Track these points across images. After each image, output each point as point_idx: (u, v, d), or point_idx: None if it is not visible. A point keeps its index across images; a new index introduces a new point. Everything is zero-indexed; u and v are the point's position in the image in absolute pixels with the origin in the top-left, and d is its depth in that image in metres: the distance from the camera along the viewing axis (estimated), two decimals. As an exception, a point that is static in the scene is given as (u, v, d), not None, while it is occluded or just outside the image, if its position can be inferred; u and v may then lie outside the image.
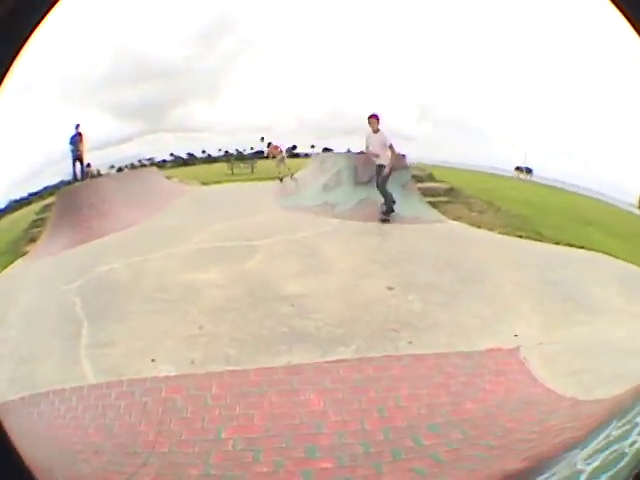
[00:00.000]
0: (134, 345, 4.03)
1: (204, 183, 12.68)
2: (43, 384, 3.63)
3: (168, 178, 12.51)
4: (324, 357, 3.56)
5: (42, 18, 1.12)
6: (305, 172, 11.46)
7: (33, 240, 9.14)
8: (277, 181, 11.40)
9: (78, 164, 11.78)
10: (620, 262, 5.81)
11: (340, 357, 3.55)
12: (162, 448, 2.74)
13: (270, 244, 6.03)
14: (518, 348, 3.68)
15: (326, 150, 13.07)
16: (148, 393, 3.32)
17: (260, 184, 11.81)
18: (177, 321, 4.35)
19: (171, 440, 2.80)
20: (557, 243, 6.69)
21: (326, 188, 8.64)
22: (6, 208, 9.96)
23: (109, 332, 4.31)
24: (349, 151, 10.33)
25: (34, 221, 10.53)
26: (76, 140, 11.51)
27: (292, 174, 11.81)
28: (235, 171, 14.47)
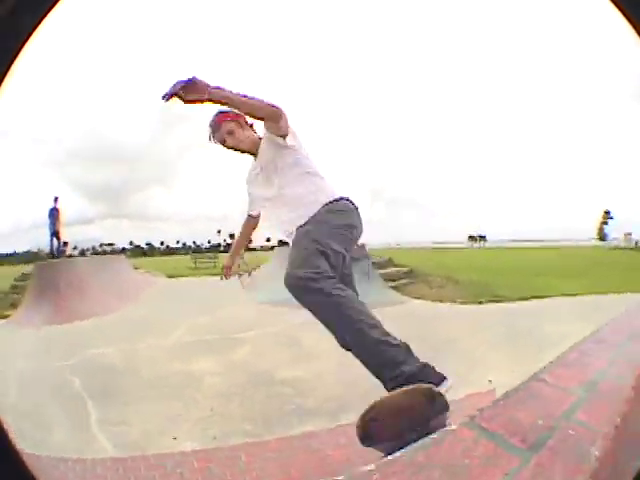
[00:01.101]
0: (149, 426, 4.20)
1: (170, 276, 12.98)
2: (57, 449, 3.74)
3: (135, 268, 12.84)
4: (333, 424, 3.92)
5: (42, 18, 1.08)
6: (268, 267, 12.12)
7: (13, 305, 9.82)
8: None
9: (55, 240, 11.80)
10: (576, 297, 6.55)
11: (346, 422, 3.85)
12: None
13: (254, 336, 6.54)
14: (493, 389, 4.12)
15: (282, 243, 13.23)
16: (181, 465, 3.44)
17: (217, 279, 12.36)
18: (187, 405, 4.60)
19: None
20: (515, 300, 7.50)
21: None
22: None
23: (119, 413, 4.49)
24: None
25: (14, 287, 10.37)
26: (54, 215, 11.69)
27: (250, 272, 12.47)
28: (197, 265, 14.94)
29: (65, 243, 12.17)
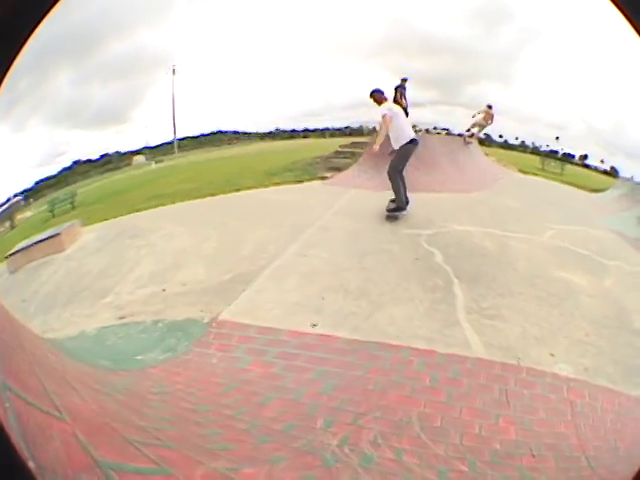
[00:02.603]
0: (530, 330, 3.75)
1: (521, 171, 12.21)
2: (393, 333, 3.59)
3: (486, 154, 12.30)
4: None
5: (42, 18, 1.13)
6: (613, 195, 10.35)
7: (336, 169, 10.38)
8: (585, 192, 10.80)
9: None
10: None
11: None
12: (589, 452, 2.53)
13: (617, 268, 5.42)
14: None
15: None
16: (552, 390, 3.08)
17: (569, 188, 11.24)
18: (567, 320, 4.02)
19: (592, 445, 2.65)
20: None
21: None
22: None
23: (493, 304, 4.10)
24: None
25: (338, 152, 11.99)
26: (402, 92, 12.25)
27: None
28: (545, 167, 13.85)
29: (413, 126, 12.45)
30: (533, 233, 6.23)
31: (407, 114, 12.27)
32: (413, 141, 6.53)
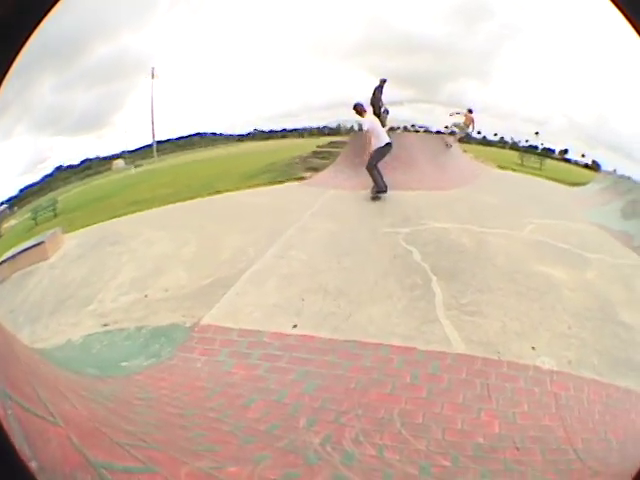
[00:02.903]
0: (510, 324, 3.79)
1: (500, 167, 12.50)
2: (372, 332, 3.61)
3: (464, 151, 12.52)
4: None
5: (42, 18, 1.14)
6: (594, 188, 10.54)
7: (314, 169, 10.42)
8: (565, 186, 11.06)
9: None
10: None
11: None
12: (577, 445, 2.55)
13: (599, 261, 5.53)
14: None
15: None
16: (535, 383, 3.12)
17: (549, 183, 11.42)
18: (548, 313, 4.08)
19: (581, 437, 2.66)
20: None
21: (624, 215, 7.96)
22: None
23: (472, 300, 4.14)
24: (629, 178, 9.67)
25: (316, 152, 12.01)
26: (377, 94, 12.32)
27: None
28: (525, 162, 14.32)
29: (386, 110, 12.48)
30: (512, 228, 6.31)
31: (387, 112, 12.38)
32: (388, 144, 7.79)
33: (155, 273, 5.21)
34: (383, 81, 11.68)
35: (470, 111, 12.09)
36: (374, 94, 11.10)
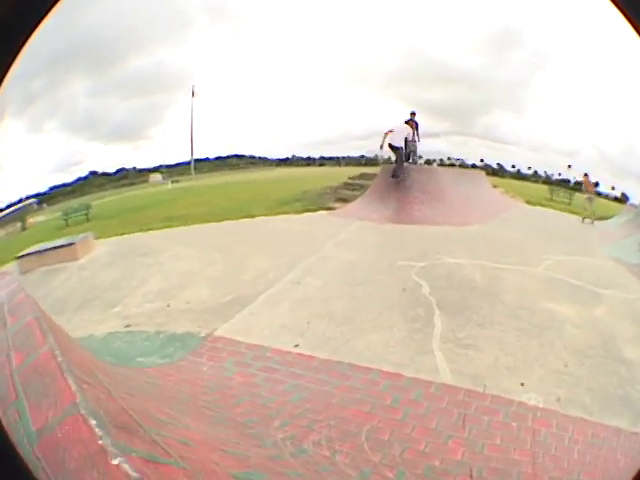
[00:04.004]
0: (503, 359, 3.91)
1: (528, 202, 12.37)
2: (367, 357, 3.84)
3: (494, 186, 12.55)
4: (634, 426, 3.17)
5: (42, 18, 1.11)
6: (618, 221, 10.57)
7: (343, 200, 10.91)
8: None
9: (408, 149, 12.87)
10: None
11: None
12: None
13: (611, 296, 5.49)
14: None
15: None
16: (515, 418, 3.16)
17: (575, 218, 11.54)
18: (545, 350, 4.14)
19: (549, 476, 2.65)
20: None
21: None
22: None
23: (470, 334, 4.29)
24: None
25: (347, 184, 12.32)
26: (414, 126, 12.55)
27: (593, 220, 11.07)
28: (554, 197, 14.28)
29: (420, 156, 12.69)
30: (527, 265, 6.37)
31: (415, 150, 12.66)
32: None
33: (180, 286, 5.74)
34: (413, 114, 12.02)
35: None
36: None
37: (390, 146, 10.18)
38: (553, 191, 14.56)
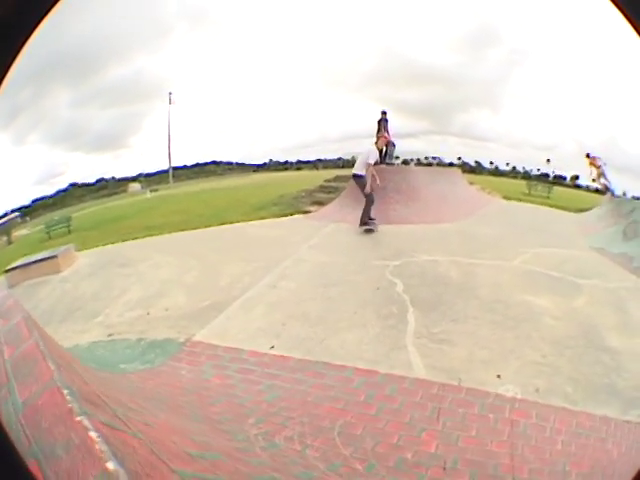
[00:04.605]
0: (478, 353, 3.94)
1: (506, 197, 12.57)
2: (342, 355, 3.88)
3: (470, 183, 12.75)
4: (625, 414, 3.16)
5: (42, 18, 1.11)
6: (599, 212, 10.60)
7: (319, 203, 10.99)
8: (571, 213, 11.24)
9: (384, 148, 13.00)
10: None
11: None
12: (521, 475, 2.55)
13: (591, 286, 5.56)
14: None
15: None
16: (492, 410, 3.17)
17: (554, 211, 11.68)
18: (522, 342, 4.17)
19: (529, 467, 2.63)
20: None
21: (626, 237, 7.87)
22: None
23: (444, 329, 4.34)
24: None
25: (323, 187, 12.34)
26: (385, 125, 12.75)
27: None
28: (532, 192, 14.59)
29: (397, 156, 12.85)
30: (503, 259, 6.46)
31: (394, 145, 12.81)
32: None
33: (158, 294, 5.76)
34: (384, 113, 12.16)
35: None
36: (379, 126, 11.58)
37: (354, 177, 8.52)
38: (531, 186, 14.88)
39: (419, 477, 2.42)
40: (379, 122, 12.07)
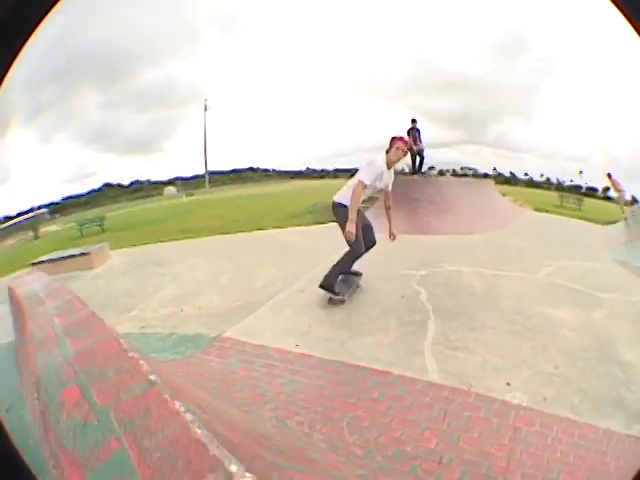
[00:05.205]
0: (491, 360, 4.11)
1: (537, 209, 12.46)
2: (360, 356, 4.15)
3: (503, 195, 12.72)
4: (628, 428, 3.19)
5: (42, 18, 1.10)
6: (626, 224, 10.40)
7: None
8: (600, 225, 11.12)
9: (418, 157, 13.02)
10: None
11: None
12: (513, 478, 2.67)
13: (612, 300, 5.57)
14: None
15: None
16: (497, 416, 3.32)
17: (583, 223, 11.67)
18: (536, 352, 4.30)
19: (522, 471, 2.74)
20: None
21: None
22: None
23: (462, 337, 4.53)
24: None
25: None
26: (415, 135, 12.73)
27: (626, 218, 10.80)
28: (564, 203, 14.40)
29: (431, 167, 12.97)
30: (528, 271, 6.54)
31: (422, 156, 12.85)
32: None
33: (193, 294, 6.26)
34: (414, 121, 12.24)
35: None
36: (408, 136, 11.66)
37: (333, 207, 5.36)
38: (563, 198, 14.69)
39: (412, 467, 2.62)
40: (409, 132, 12.18)
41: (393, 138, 5.21)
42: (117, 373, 1.36)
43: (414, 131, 12.32)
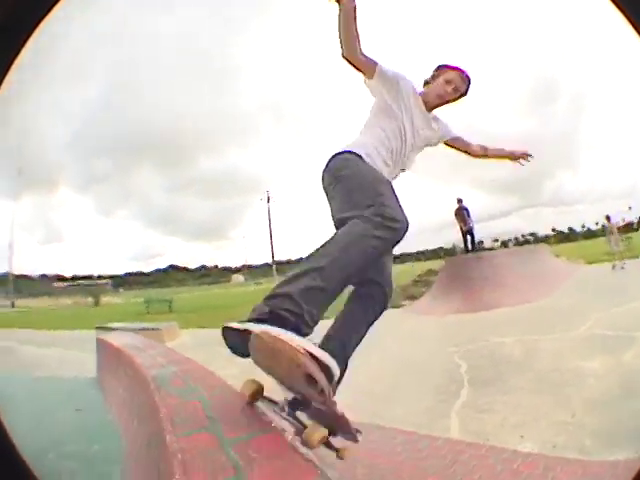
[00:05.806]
0: (511, 419, 4.38)
1: (589, 262, 13.00)
2: (389, 419, 4.52)
3: (556, 256, 12.66)
4: (636, 452, 3.23)
5: (42, 18, 1.10)
6: None
7: (411, 297, 11.68)
8: None
9: (469, 236, 13.22)
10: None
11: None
12: None
13: None
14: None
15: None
16: (503, 463, 3.40)
17: (630, 262, 11.92)
18: (558, 405, 4.56)
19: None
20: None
21: None
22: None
23: (490, 400, 4.87)
24: None
25: (416, 281, 12.93)
26: (462, 213, 13.04)
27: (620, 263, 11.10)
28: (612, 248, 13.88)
29: (480, 242, 13.37)
30: (570, 329, 6.84)
31: (472, 234, 13.12)
32: None
33: (251, 373, 7.38)
34: (460, 200, 12.69)
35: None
36: (457, 217, 12.10)
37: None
38: (611, 243, 14.11)
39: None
40: (457, 213, 12.72)
41: (440, 66, 2.85)
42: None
43: (462, 210, 12.86)
